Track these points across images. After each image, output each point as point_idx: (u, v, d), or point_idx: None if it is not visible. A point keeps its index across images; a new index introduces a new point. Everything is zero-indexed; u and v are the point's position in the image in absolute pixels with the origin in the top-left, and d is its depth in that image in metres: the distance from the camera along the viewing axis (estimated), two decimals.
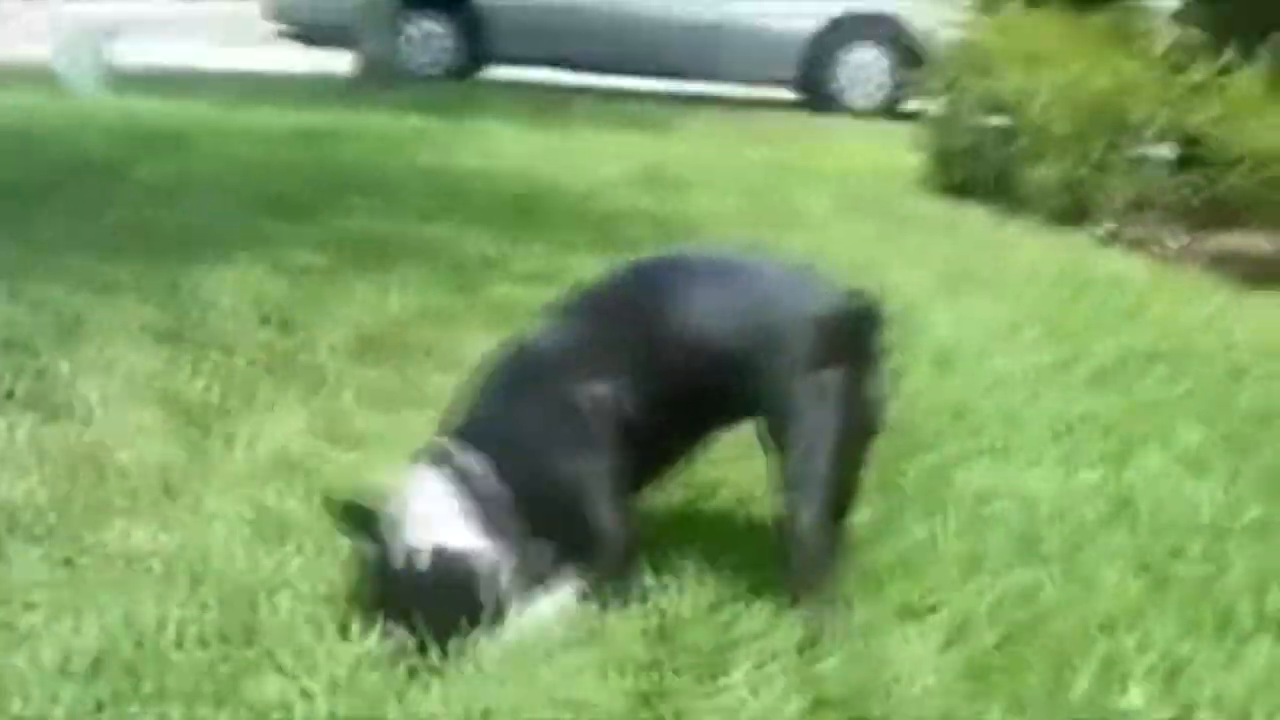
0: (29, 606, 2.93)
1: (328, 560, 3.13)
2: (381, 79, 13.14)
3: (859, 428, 3.05)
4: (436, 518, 2.94)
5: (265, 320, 4.99)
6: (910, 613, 3.08)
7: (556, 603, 2.99)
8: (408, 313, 5.30)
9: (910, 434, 4.00)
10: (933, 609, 3.10)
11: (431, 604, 2.85)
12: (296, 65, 14.35)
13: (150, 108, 10.43)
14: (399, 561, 2.89)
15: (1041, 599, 3.17)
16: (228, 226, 6.40)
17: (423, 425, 3.88)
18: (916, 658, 2.89)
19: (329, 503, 3.11)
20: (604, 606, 2.99)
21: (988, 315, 5.87)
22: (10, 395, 4.08)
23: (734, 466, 3.54)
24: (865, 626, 2.99)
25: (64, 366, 4.27)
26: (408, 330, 5.08)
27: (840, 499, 3.04)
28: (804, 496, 2.97)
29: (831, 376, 2.99)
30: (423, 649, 2.80)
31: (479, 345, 4.33)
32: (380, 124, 10.47)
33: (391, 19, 13.96)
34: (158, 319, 4.83)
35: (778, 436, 3.03)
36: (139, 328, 4.70)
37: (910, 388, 4.26)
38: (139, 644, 2.79)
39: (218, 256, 5.73)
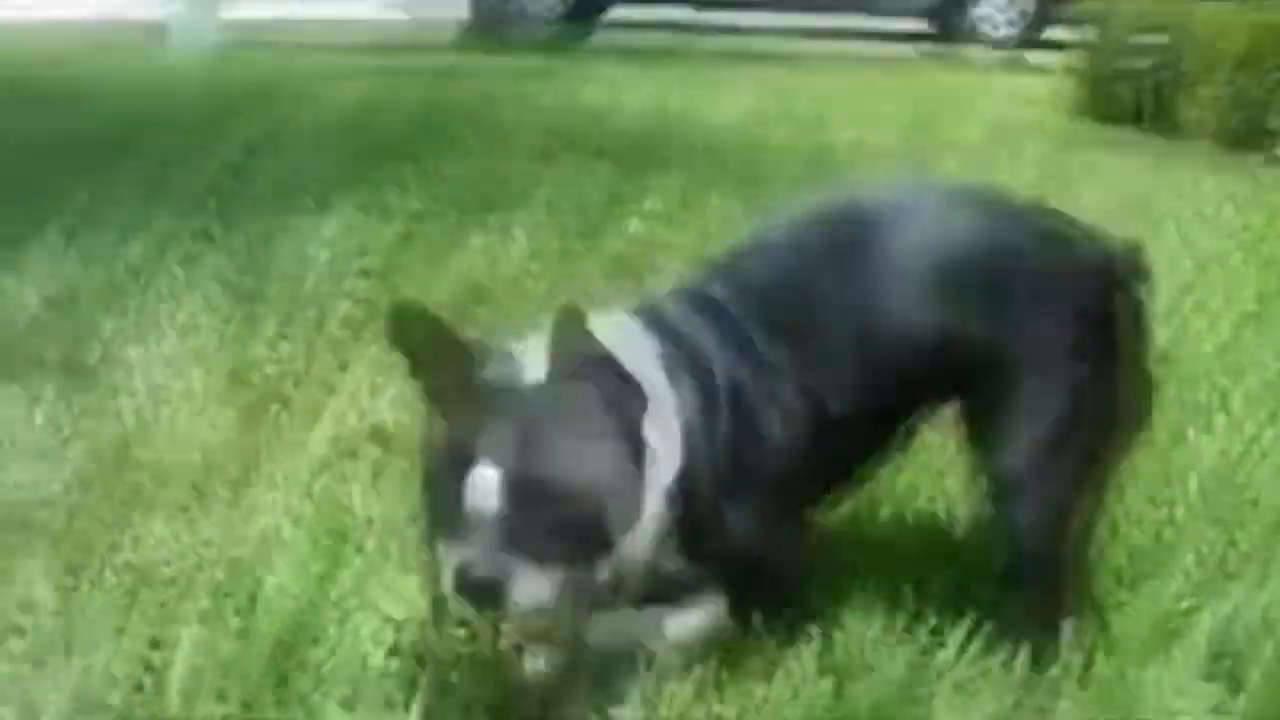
0: (13, 631, 2.33)
1: (394, 568, 2.51)
2: (498, 23, 12.65)
3: (1124, 424, 2.40)
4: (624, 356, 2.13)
5: (366, 274, 4.41)
6: (1163, 626, 2.42)
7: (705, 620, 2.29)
8: (526, 260, 4.71)
9: None
10: (1190, 613, 2.44)
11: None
12: (413, 12, 13.87)
13: (256, 60, 9.93)
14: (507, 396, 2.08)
15: None
16: (329, 174, 5.82)
17: None
18: (1178, 689, 2.24)
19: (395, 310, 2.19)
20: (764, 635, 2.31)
21: (1180, 245, 5.16)
22: (40, 361, 3.48)
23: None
24: (1105, 647, 2.34)
25: (110, 328, 3.68)
26: (525, 280, 4.49)
27: (1086, 509, 2.38)
28: (1028, 491, 2.32)
29: (1098, 355, 2.34)
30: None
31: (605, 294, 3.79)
32: (495, 66, 9.92)
33: None
34: (240, 276, 4.24)
35: (1002, 422, 2.34)
36: (217, 286, 4.10)
37: None
38: (137, 689, 2.19)
39: (317, 207, 5.16)
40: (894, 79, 10.61)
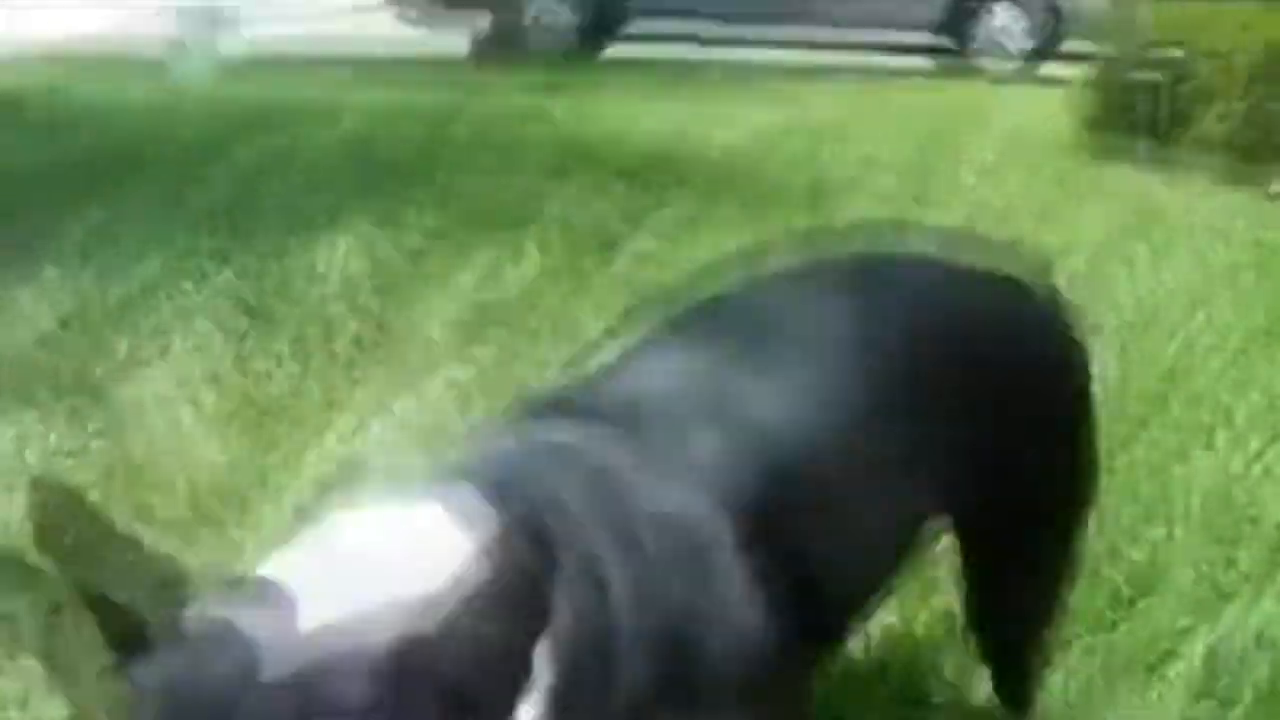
0: None
1: None
2: (505, 54, 12.66)
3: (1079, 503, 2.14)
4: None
5: (376, 293, 4.43)
6: (1141, 662, 2.41)
7: None
8: (531, 282, 4.73)
9: (1107, 418, 3.27)
10: (1169, 655, 2.42)
11: None
12: (417, 45, 13.90)
13: (261, 88, 9.94)
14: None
15: None
16: (337, 196, 5.85)
17: None
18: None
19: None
20: None
21: (1175, 277, 5.12)
22: (53, 382, 3.49)
23: None
24: (1086, 685, 2.32)
25: (120, 348, 3.70)
26: (531, 301, 4.50)
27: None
28: (1028, 590, 2.09)
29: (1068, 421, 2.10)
30: None
31: (608, 317, 3.80)
32: (503, 93, 9.93)
33: None
34: (249, 297, 4.26)
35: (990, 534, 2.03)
36: (226, 307, 4.12)
37: (1100, 358, 3.52)
38: None
39: (325, 227, 5.19)
40: (907, 93, 10.61)
